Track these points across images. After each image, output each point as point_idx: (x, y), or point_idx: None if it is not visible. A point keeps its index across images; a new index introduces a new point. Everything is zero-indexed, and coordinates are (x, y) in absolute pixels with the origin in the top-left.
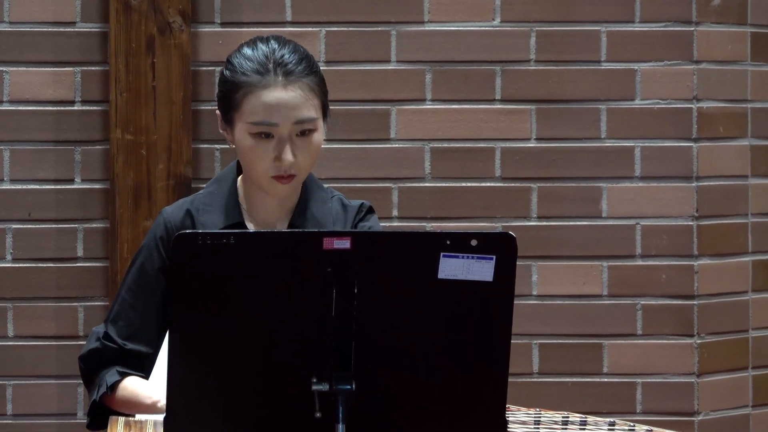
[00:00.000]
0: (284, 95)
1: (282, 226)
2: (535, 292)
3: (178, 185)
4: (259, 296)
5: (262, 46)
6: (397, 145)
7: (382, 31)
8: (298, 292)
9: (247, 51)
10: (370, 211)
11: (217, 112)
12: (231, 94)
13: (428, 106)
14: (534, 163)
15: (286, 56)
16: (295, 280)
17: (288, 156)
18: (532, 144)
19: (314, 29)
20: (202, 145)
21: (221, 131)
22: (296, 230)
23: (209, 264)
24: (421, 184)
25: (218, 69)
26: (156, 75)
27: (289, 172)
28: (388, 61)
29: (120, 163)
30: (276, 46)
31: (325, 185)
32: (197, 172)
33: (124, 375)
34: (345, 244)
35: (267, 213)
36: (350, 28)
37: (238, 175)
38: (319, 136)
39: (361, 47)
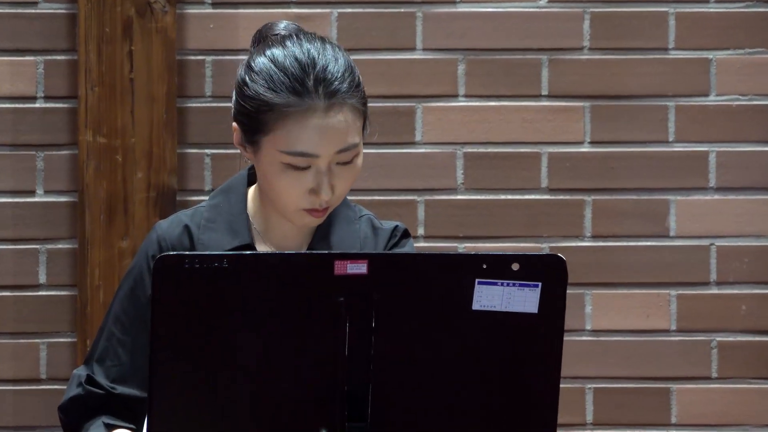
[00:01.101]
0: (327, 123)
1: (299, 251)
2: (589, 327)
3: (161, 198)
4: (258, 332)
5: (295, 50)
6: (423, 150)
7: (405, 14)
8: (304, 327)
9: (277, 55)
10: (406, 235)
11: (235, 125)
12: (258, 115)
13: (461, 103)
14: (588, 171)
15: (330, 68)
16: (300, 312)
17: (326, 191)
18: (585, 148)
19: (324, 11)
20: (189, 150)
21: (237, 145)
22: (302, 252)
23: (197, 292)
24: (453, 197)
25: (210, 58)
26: (134, 66)
27: (326, 206)
28: (413, 50)
29: (91, 171)
30: (315, 53)
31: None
32: (183, 181)
33: (111, 428)
34: (360, 268)
35: (283, 235)
36: (367, 10)
37: (250, 185)
38: (360, 160)
39: (381, 33)
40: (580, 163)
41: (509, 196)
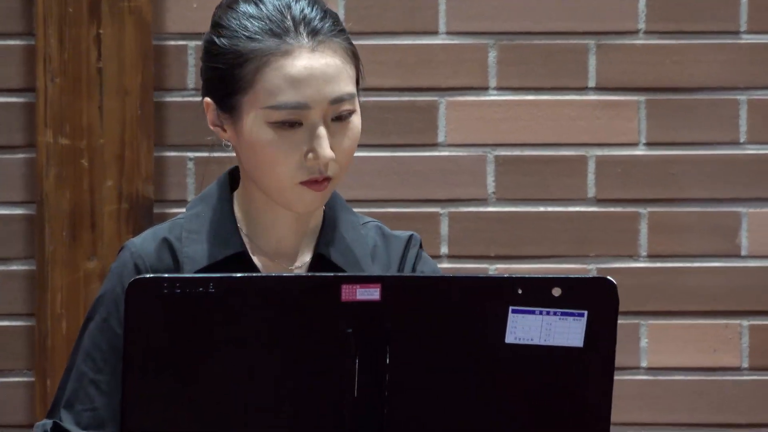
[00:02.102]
0: (315, 64)
1: (301, 258)
2: (644, 364)
3: (135, 210)
4: (252, 369)
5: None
6: (447, 153)
7: None
8: (306, 363)
9: (248, 8)
10: (421, 246)
11: (206, 100)
12: (233, 70)
13: (492, 96)
14: (643, 178)
15: (307, 9)
16: (301, 345)
17: (326, 149)
18: (640, 151)
19: None
20: (168, 153)
21: (213, 127)
22: (302, 274)
23: (179, 322)
24: (482, 209)
25: (193, 44)
26: (103, 52)
27: (326, 173)
28: (435, 33)
29: (51, 178)
30: None
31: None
32: (161, 191)
33: None
34: (372, 293)
35: (279, 239)
36: None
37: (232, 191)
38: (358, 120)
39: (396, 13)
40: (633, 168)
41: (549, 208)
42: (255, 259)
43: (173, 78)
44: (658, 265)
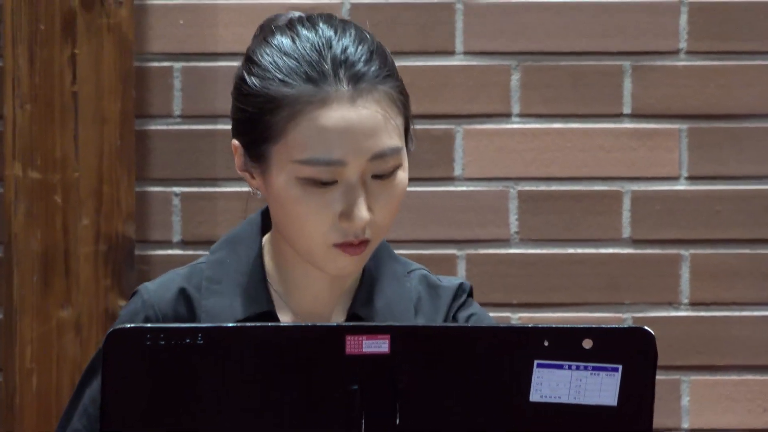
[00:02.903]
0: (354, 115)
1: (336, 319)
2: (686, 425)
3: (114, 252)
4: (244, 430)
5: (307, 33)
6: (464, 188)
7: (441, 5)
8: (305, 425)
9: (285, 42)
10: (471, 294)
11: (234, 142)
12: (263, 116)
13: (515, 124)
14: (684, 216)
15: (351, 49)
16: (301, 404)
17: (362, 211)
18: (681, 186)
19: (334, 1)
20: (151, 188)
21: (240, 172)
22: (301, 324)
23: (164, 378)
24: (504, 251)
25: (179, 65)
26: (78, 75)
27: (362, 237)
28: (451, 53)
29: (20, 216)
30: (331, 33)
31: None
32: (144, 230)
33: None
34: (381, 346)
35: (312, 297)
36: (389, 0)
37: (264, 233)
38: (404, 175)
39: (408, 31)
40: (674, 205)
41: (579, 250)
42: (282, 320)
43: (157, 104)
44: (702, 314)
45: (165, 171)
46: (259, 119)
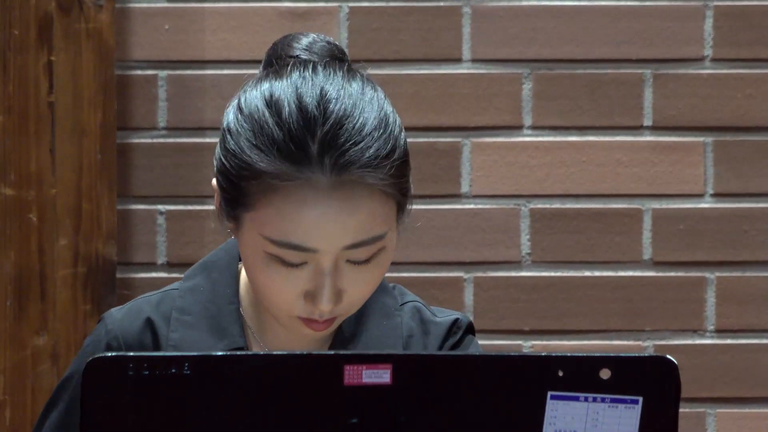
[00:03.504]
0: (333, 207)
1: None
2: None
3: (94, 275)
4: None
5: (303, 89)
6: (472, 206)
7: (446, 9)
8: None
9: (277, 92)
10: (470, 330)
11: (214, 183)
12: (240, 181)
13: (527, 138)
14: (710, 236)
15: (349, 124)
16: None
17: (327, 300)
18: (706, 204)
19: (331, 5)
20: (134, 206)
21: (217, 210)
22: (297, 353)
23: (147, 411)
24: (515, 273)
25: (164, 73)
26: (55, 84)
27: (328, 317)
28: (459, 61)
29: None
30: (332, 94)
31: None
32: (126, 251)
33: None
34: (382, 376)
35: (289, 335)
36: (391, 3)
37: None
38: (387, 256)
39: (412, 36)
40: (698, 224)
41: (596, 273)
42: None
43: (140, 115)
44: (728, 341)
45: (149, 188)
46: (235, 182)
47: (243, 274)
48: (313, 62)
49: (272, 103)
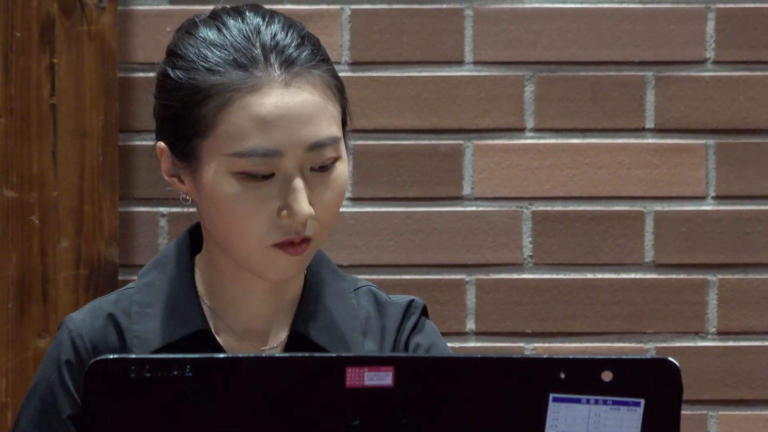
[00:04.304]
0: (289, 101)
1: (276, 337)
2: None
3: (96, 277)
4: None
5: (234, 22)
6: (474, 208)
7: (448, 11)
8: None
9: (210, 33)
10: (425, 313)
11: (160, 144)
12: (191, 109)
13: (529, 140)
14: (713, 239)
15: (281, 35)
16: None
17: (303, 205)
18: (708, 206)
19: (332, 7)
20: (136, 208)
21: (167, 177)
22: (299, 355)
23: (148, 413)
24: (517, 276)
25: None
26: (57, 86)
27: (304, 234)
28: (461, 63)
29: None
30: (258, 20)
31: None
32: (128, 253)
33: None
34: (384, 378)
35: (250, 314)
36: (393, 6)
37: (194, 254)
38: (344, 168)
39: (414, 38)
40: (700, 226)
41: (598, 275)
42: (219, 339)
43: (142, 117)
44: (730, 344)
45: (151, 190)
46: (186, 114)
47: (199, 263)
48: (229, 9)
49: (208, 38)
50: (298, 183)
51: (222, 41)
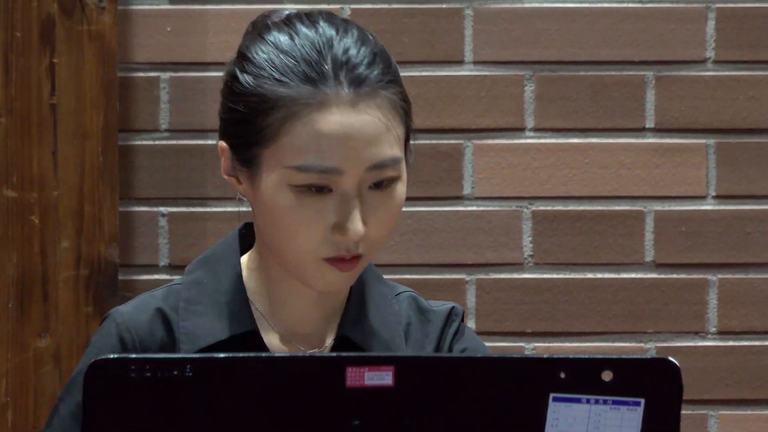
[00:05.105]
0: (354, 120)
1: (322, 341)
2: None
3: (96, 277)
4: None
5: (307, 31)
6: (474, 208)
7: (448, 10)
8: None
9: (282, 39)
10: (463, 319)
11: (222, 144)
12: (256, 117)
13: (529, 140)
14: (713, 238)
15: (353, 50)
16: None
17: (357, 224)
18: (709, 205)
19: (333, 6)
20: (136, 208)
21: (226, 176)
22: (298, 355)
23: (149, 413)
24: (517, 275)
25: (167, 75)
26: (57, 86)
27: (355, 251)
28: (461, 63)
29: None
30: (332, 32)
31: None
32: (128, 254)
33: None
34: (384, 377)
35: (299, 317)
36: (393, 6)
37: (243, 252)
38: (402, 188)
39: (414, 38)
40: (701, 226)
41: (598, 275)
42: (267, 340)
43: (143, 117)
44: (731, 343)
45: (151, 189)
46: (251, 120)
47: (245, 262)
48: (303, 14)
49: (280, 45)
50: (354, 202)
51: (293, 51)
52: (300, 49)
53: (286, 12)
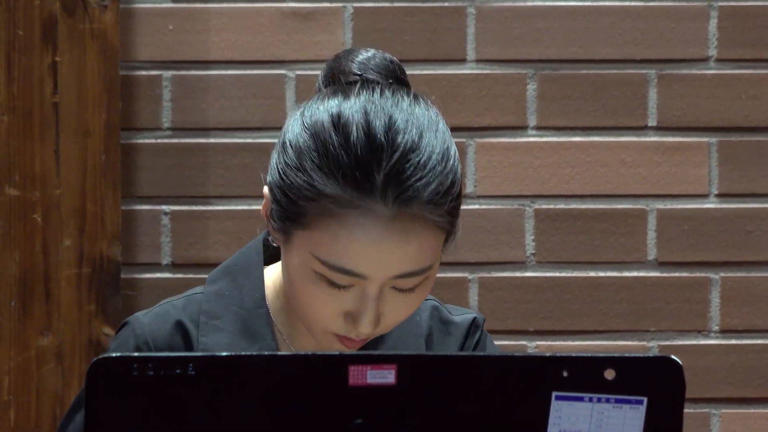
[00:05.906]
0: (389, 237)
1: None
2: None
3: (98, 275)
4: None
5: (371, 113)
6: (477, 206)
7: (451, 9)
8: None
9: (345, 112)
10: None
11: (266, 192)
12: (298, 199)
13: (531, 138)
14: (715, 237)
15: (415, 157)
16: None
17: (368, 324)
18: (711, 204)
19: (335, 5)
20: (138, 207)
21: (264, 216)
22: (300, 353)
23: (151, 411)
24: (520, 274)
25: (169, 74)
26: (59, 84)
27: (364, 336)
28: (463, 61)
29: None
30: (400, 125)
31: None
32: (131, 252)
33: None
34: (387, 376)
35: (319, 345)
36: (396, 4)
37: (266, 262)
38: (430, 283)
39: (415, 36)
40: (703, 224)
41: (601, 273)
42: None
43: (145, 115)
44: (733, 342)
45: (153, 188)
46: (292, 198)
47: (269, 277)
48: (380, 85)
49: (339, 125)
50: (371, 304)
51: (350, 145)
52: (356, 138)
53: (364, 56)
